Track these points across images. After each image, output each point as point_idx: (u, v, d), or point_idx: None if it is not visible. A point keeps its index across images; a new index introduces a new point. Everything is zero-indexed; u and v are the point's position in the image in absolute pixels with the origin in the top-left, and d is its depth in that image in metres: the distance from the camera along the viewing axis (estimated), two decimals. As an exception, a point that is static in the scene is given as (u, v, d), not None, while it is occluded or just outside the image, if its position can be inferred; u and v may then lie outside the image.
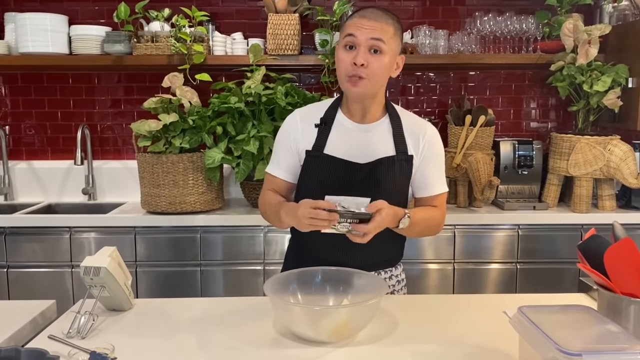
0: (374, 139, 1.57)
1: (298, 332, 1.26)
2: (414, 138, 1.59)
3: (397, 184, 1.57)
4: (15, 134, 3.15)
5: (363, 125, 1.58)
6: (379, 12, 1.50)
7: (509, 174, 2.85)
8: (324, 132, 1.58)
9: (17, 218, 2.62)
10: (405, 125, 1.60)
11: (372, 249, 1.52)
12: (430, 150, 1.60)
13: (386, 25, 1.47)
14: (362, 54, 1.45)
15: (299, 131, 1.60)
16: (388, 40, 1.47)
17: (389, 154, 1.56)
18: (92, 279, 1.35)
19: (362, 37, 1.46)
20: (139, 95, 3.10)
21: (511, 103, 3.20)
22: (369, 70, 1.46)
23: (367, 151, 1.56)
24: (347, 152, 1.56)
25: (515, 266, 2.66)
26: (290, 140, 1.61)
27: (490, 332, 1.32)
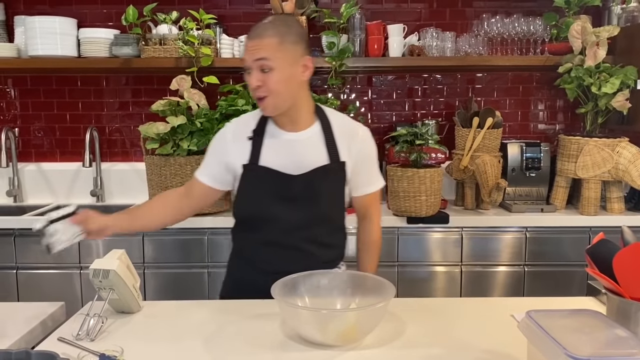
0: (306, 148, 1.60)
1: (305, 336, 1.27)
2: (345, 141, 1.62)
3: (333, 192, 1.62)
4: (25, 136, 3.17)
5: (294, 134, 1.61)
6: (262, 27, 1.51)
7: (516, 176, 2.84)
8: (256, 143, 1.60)
9: (26, 220, 2.64)
10: (335, 129, 1.62)
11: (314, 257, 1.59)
12: (363, 152, 1.65)
13: (268, 39, 1.48)
14: (254, 76, 1.50)
15: (230, 146, 1.63)
16: (273, 54, 1.48)
17: (322, 163, 1.59)
18: (101, 281, 1.36)
19: (250, 60, 1.50)
20: (147, 97, 3.12)
21: (519, 105, 3.19)
22: (266, 88, 1.50)
23: (300, 160, 1.58)
24: (282, 163, 1.58)
25: (523, 269, 2.65)
26: (218, 153, 1.65)
27: (498, 336, 1.32)
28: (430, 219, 2.58)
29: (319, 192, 1.58)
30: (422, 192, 2.51)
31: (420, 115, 3.19)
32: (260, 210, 1.58)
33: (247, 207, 1.62)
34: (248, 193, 1.61)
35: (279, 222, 1.58)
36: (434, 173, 2.52)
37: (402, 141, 2.55)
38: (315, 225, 1.60)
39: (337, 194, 1.64)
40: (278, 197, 1.57)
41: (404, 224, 2.59)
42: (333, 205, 1.63)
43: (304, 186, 1.57)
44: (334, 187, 1.62)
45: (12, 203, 3.08)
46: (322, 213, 1.60)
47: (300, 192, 1.57)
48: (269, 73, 1.49)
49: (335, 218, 1.66)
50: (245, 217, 1.64)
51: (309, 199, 1.58)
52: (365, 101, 3.19)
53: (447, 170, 2.87)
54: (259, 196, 1.58)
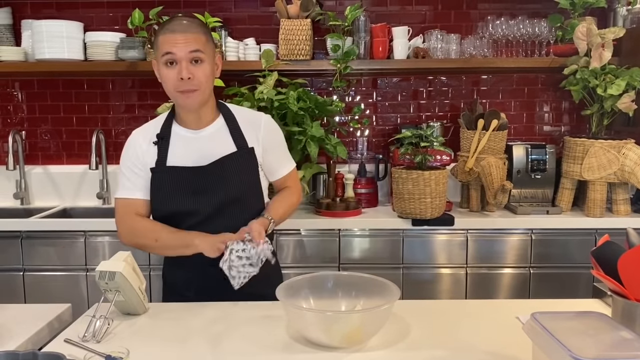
0: (213, 142, 1.65)
1: (310, 338, 1.27)
2: (251, 130, 1.68)
3: (245, 177, 1.65)
4: (32, 138, 3.19)
5: (199, 131, 1.66)
6: (188, 23, 1.55)
7: (521, 178, 2.84)
8: (163, 146, 1.63)
9: (33, 222, 2.66)
10: (240, 121, 1.68)
11: None
12: (269, 137, 1.71)
13: (197, 34, 1.54)
14: (185, 68, 1.52)
15: (143, 149, 1.64)
16: (204, 48, 1.55)
17: (230, 151, 1.64)
18: (107, 283, 1.36)
19: (182, 53, 1.52)
20: (153, 100, 3.13)
21: (524, 107, 3.19)
22: (197, 81, 1.54)
23: (209, 154, 1.63)
24: (189, 159, 1.62)
25: (528, 271, 2.64)
26: (138, 160, 1.65)
27: (502, 338, 1.32)
28: (435, 221, 2.58)
29: (230, 178, 1.62)
30: (427, 194, 2.51)
31: (425, 117, 3.19)
32: (175, 207, 1.61)
33: (162, 208, 1.63)
34: (161, 194, 1.63)
35: (195, 215, 1.61)
36: (439, 175, 2.52)
37: (407, 143, 2.54)
38: (228, 212, 1.62)
39: (251, 179, 1.67)
40: (189, 192, 1.60)
41: (409, 226, 2.59)
42: (245, 190, 1.65)
43: (213, 175, 1.61)
44: (246, 173, 1.66)
45: (19, 205, 3.10)
46: (237, 199, 1.63)
47: (210, 181, 1.61)
48: (199, 66, 1.54)
49: (249, 203, 1.67)
50: (162, 218, 1.64)
51: (219, 188, 1.61)
52: (370, 103, 3.20)
53: (452, 172, 2.86)
54: (171, 195, 1.61)
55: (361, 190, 2.92)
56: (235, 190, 1.63)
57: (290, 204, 1.76)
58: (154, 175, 1.63)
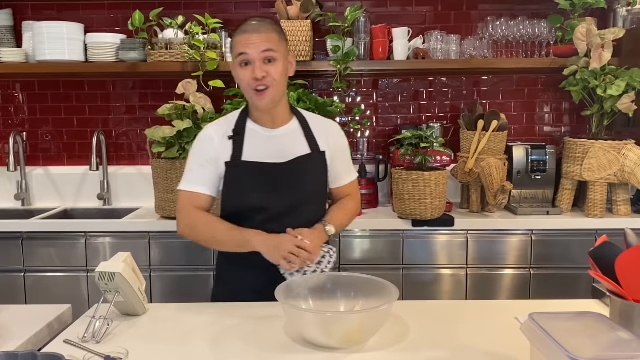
0: (287, 141, 1.68)
1: (310, 338, 1.27)
2: (322, 135, 1.73)
3: (316, 180, 1.70)
4: (33, 140, 3.20)
5: (274, 130, 1.68)
6: (260, 23, 1.60)
7: (522, 178, 2.84)
8: (238, 142, 1.65)
9: (34, 223, 2.67)
10: (312, 125, 1.73)
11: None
12: (338, 144, 1.77)
13: (270, 33, 1.58)
14: (258, 67, 1.56)
15: (216, 144, 1.65)
16: (277, 47, 1.58)
17: (305, 152, 1.68)
18: (106, 284, 1.37)
19: (255, 53, 1.56)
20: (154, 101, 3.14)
21: (524, 108, 3.19)
22: (270, 78, 1.58)
23: (283, 153, 1.65)
24: (265, 156, 1.64)
25: (528, 272, 2.64)
26: (208, 155, 1.65)
27: (501, 338, 1.32)
28: (436, 221, 2.58)
29: (303, 179, 1.65)
30: (427, 195, 2.51)
31: (425, 118, 3.19)
32: (247, 202, 1.63)
33: (235, 201, 1.65)
34: (234, 188, 1.64)
35: (266, 211, 1.62)
36: (439, 176, 2.52)
37: (407, 144, 2.55)
38: (298, 213, 1.65)
39: (320, 182, 1.72)
40: (263, 188, 1.62)
41: (409, 226, 2.59)
42: (316, 192, 1.71)
43: (289, 174, 1.63)
44: (317, 175, 1.70)
45: (20, 207, 3.11)
46: (306, 200, 1.66)
47: (285, 180, 1.63)
48: (272, 64, 1.57)
49: (317, 206, 1.72)
50: (232, 212, 1.66)
51: (293, 186, 1.64)
52: (371, 104, 3.20)
53: (452, 173, 2.87)
54: (245, 189, 1.63)
55: (361, 191, 2.90)
56: (306, 191, 1.66)
57: (350, 212, 1.80)
58: (228, 170, 1.64)
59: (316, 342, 1.26)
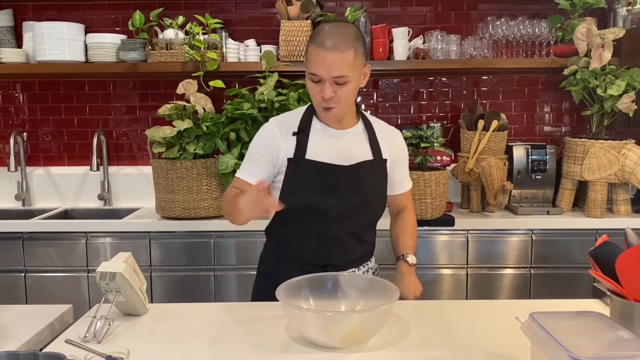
0: (351, 144, 1.66)
1: (310, 338, 1.27)
2: (386, 143, 1.70)
3: (376, 186, 1.68)
4: (33, 140, 3.20)
5: (339, 131, 1.66)
6: (339, 38, 1.49)
7: (522, 178, 2.84)
8: (302, 139, 1.63)
9: (34, 223, 2.67)
10: (377, 131, 1.70)
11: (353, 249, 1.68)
12: (400, 153, 1.76)
13: (345, 53, 1.49)
14: (328, 88, 1.51)
15: (278, 139, 1.64)
16: (350, 68, 1.50)
17: (367, 158, 1.66)
18: (107, 284, 1.37)
19: (326, 75, 1.50)
20: (154, 102, 3.14)
21: (524, 107, 3.19)
22: (338, 98, 1.53)
23: (346, 155, 1.63)
24: (328, 157, 1.62)
25: (529, 271, 2.64)
26: (269, 149, 1.64)
27: (502, 338, 1.32)
28: (436, 221, 2.59)
29: (364, 184, 1.63)
30: (428, 194, 2.51)
31: (425, 118, 3.19)
32: (307, 201, 1.60)
33: (294, 199, 1.60)
34: (295, 185, 1.61)
35: (322, 213, 1.60)
36: (439, 176, 2.53)
37: (407, 144, 2.54)
38: (355, 218, 1.64)
39: (379, 189, 1.70)
40: (324, 188, 1.60)
41: (410, 226, 2.59)
42: (374, 199, 1.68)
43: (350, 177, 1.61)
44: (377, 182, 1.68)
45: (21, 207, 3.11)
46: (364, 205, 1.65)
47: (346, 183, 1.61)
48: (343, 86, 1.52)
49: (374, 213, 1.71)
50: (289, 209, 1.57)
51: (353, 191, 1.62)
52: (371, 104, 3.20)
53: (453, 173, 2.87)
54: (306, 187, 1.60)
55: (362, 191, 2.92)
56: (365, 196, 1.64)
57: (414, 229, 1.84)
58: (290, 166, 1.61)
59: (317, 341, 1.26)
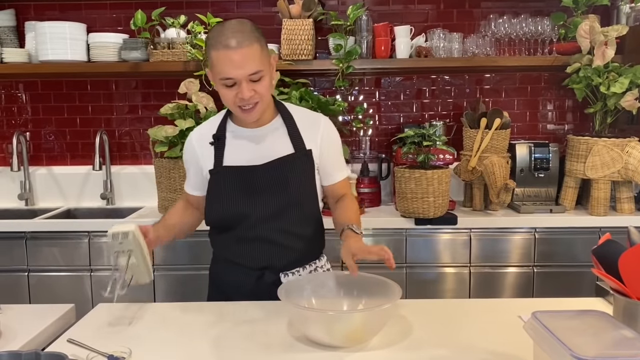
0: (270, 141, 1.62)
1: (312, 337, 1.27)
2: (310, 132, 1.63)
3: (302, 179, 1.62)
4: (36, 140, 3.21)
5: (257, 129, 1.62)
6: (239, 34, 1.45)
7: (525, 176, 2.83)
8: (219, 147, 1.62)
9: (37, 223, 2.67)
10: (298, 121, 1.64)
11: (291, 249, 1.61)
12: (327, 140, 1.66)
13: (253, 47, 1.45)
14: (245, 88, 1.46)
15: (198, 154, 1.65)
16: (261, 61, 1.47)
17: (288, 152, 1.60)
18: (121, 242, 1.36)
19: (240, 75, 1.45)
20: (156, 101, 3.14)
21: (527, 105, 3.18)
22: (258, 95, 1.50)
23: (266, 154, 1.59)
24: (247, 159, 1.59)
25: (532, 270, 2.64)
26: (193, 162, 1.68)
27: (504, 337, 1.32)
28: (439, 220, 2.58)
29: (286, 180, 1.58)
30: (430, 193, 2.51)
31: (428, 117, 3.18)
32: (230, 209, 1.59)
33: (218, 209, 1.62)
34: (216, 195, 1.62)
35: (250, 217, 1.58)
36: (441, 174, 2.52)
37: (410, 142, 2.54)
38: (285, 216, 1.60)
39: (307, 182, 1.64)
40: (246, 192, 1.58)
41: (412, 225, 2.59)
42: (303, 193, 1.62)
43: (270, 176, 1.58)
44: (303, 175, 1.62)
45: (24, 206, 3.12)
46: (292, 202, 1.60)
47: (268, 182, 1.58)
48: (259, 82, 1.48)
49: (306, 207, 1.64)
50: (217, 219, 1.65)
51: (276, 189, 1.58)
52: (373, 103, 3.20)
53: (455, 172, 2.86)
54: (227, 195, 1.59)
55: (364, 189, 2.92)
56: (292, 193, 1.59)
57: (355, 209, 1.69)
58: (211, 177, 1.61)
59: (319, 340, 1.26)
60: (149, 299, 2.62)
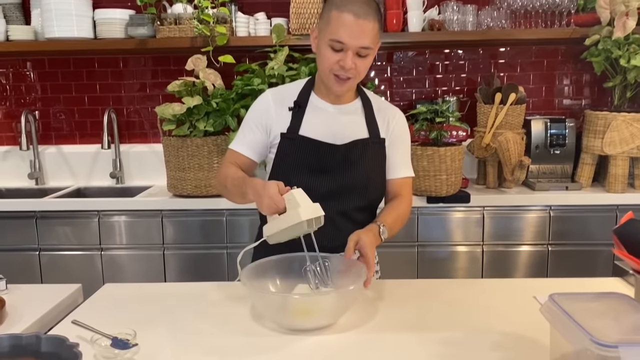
0: (348, 121, 1.59)
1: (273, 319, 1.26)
2: (384, 121, 1.62)
3: (371, 167, 1.59)
4: (44, 119, 3.19)
5: (337, 107, 1.59)
6: (365, 6, 1.43)
7: (540, 153, 2.76)
8: (298, 114, 1.57)
9: (48, 202, 2.67)
10: (376, 109, 1.62)
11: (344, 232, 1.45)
12: (398, 133, 1.64)
13: (372, 24, 1.44)
14: (350, 57, 1.44)
15: (272, 112, 1.59)
16: (374, 40, 1.47)
17: (362, 137, 1.58)
18: (316, 229, 1.30)
19: (352, 44, 1.43)
20: (164, 78, 3.10)
21: (543, 80, 3.09)
22: (356, 71, 1.48)
23: (342, 133, 1.56)
24: (323, 134, 1.56)
25: (546, 248, 2.59)
26: (262, 120, 1.60)
27: (519, 318, 1.28)
28: (451, 198, 2.54)
29: (357, 164, 1.55)
30: (443, 171, 2.46)
31: (441, 92, 3.11)
32: (294, 178, 1.52)
33: (281, 176, 1.53)
34: (285, 163, 1.57)
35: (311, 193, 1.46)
36: (454, 151, 2.47)
37: (422, 119, 2.49)
38: (347, 199, 1.56)
39: (375, 170, 1.60)
40: (314, 167, 1.54)
41: (424, 203, 2.54)
42: (370, 180, 1.58)
43: (343, 157, 1.55)
44: (372, 162, 1.59)
45: (34, 185, 3.11)
46: (357, 186, 1.56)
47: (338, 163, 1.55)
48: (364, 59, 1.47)
49: (370, 195, 1.59)
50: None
51: (345, 170, 1.55)
52: (385, 78, 3.12)
53: (469, 148, 2.80)
54: (295, 165, 1.55)
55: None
56: (359, 177, 1.56)
57: (402, 216, 1.59)
58: (282, 142, 1.56)
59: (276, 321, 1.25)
60: (159, 279, 2.62)
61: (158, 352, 1.14)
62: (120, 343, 1.07)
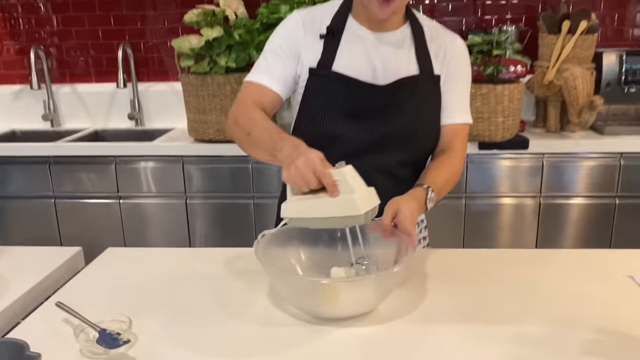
0: (392, 53, 1.27)
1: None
2: (439, 52, 1.30)
3: (421, 112, 1.28)
4: (57, 55, 2.95)
5: (380, 35, 1.27)
6: None
7: (611, 91, 2.43)
8: (331, 43, 1.26)
9: (62, 146, 2.48)
10: (428, 37, 1.30)
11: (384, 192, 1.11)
12: (456, 66, 1.31)
13: None
14: None
15: (301, 40, 1.27)
16: None
17: (411, 73, 1.27)
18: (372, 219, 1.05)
19: None
20: (183, 8, 2.79)
21: (617, 5, 2.67)
22: None
23: (384, 68, 1.26)
24: (361, 70, 1.25)
25: (614, 201, 2.31)
26: (291, 45, 1.27)
27: (615, 307, 1.01)
28: (507, 144, 2.25)
29: (403, 108, 1.25)
30: (499, 112, 2.15)
31: (495, 21, 2.73)
32: (322, 126, 1.25)
33: (311, 125, 1.28)
34: (313, 104, 1.27)
35: (344, 143, 1.25)
36: (513, 89, 2.15)
37: (476, 51, 2.16)
38: (389, 152, 1.27)
39: (427, 117, 1.29)
40: (349, 112, 1.24)
41: (475, 150, 2.26)
42: (419, 130, 1.29)
43: (385, 100, 1.24)
44: (423, 107, 1.28)
45: (49, 128, 2.92)
46: (402, 136, 1.26)
47: (379, 107, 1.25)
48: None
49: (419, 147, 1.31)
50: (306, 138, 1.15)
51: (387, 117, 1.25)
52: (427, 5, 2.75)
53: (527, 86, 2.46)
54: (324, 108, 1.26)
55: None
56: (405, 125, 1.26)
57: (453, 174, 1.29)
58: (311, 78, 1.27)
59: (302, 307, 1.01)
60: (182, 231, 2.44)
61: (155, 345, 0.92)
62: (108, 339, 0.85)
